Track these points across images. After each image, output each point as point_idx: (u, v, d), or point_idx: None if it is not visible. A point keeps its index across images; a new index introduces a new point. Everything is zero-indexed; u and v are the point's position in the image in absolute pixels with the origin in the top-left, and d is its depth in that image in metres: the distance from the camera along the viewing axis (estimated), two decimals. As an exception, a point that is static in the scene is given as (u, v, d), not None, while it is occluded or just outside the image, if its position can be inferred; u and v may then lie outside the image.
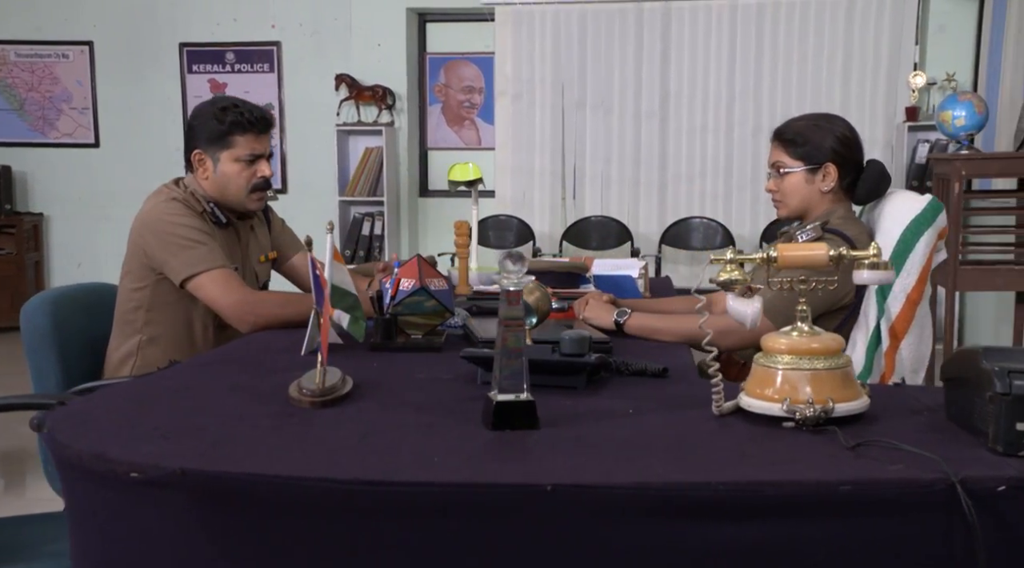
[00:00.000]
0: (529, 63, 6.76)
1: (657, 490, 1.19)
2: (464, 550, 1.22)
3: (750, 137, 6.48)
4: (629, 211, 6.63)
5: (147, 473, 1.26)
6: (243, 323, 2.33)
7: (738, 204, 6.52)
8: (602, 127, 6.68)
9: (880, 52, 6.32)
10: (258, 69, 7.29)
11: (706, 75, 6.52)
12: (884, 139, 6.35)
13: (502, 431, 1.42)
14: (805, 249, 1.47)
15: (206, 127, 2.49)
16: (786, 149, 2.31)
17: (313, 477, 1.24)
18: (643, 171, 6.63)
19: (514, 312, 1.44)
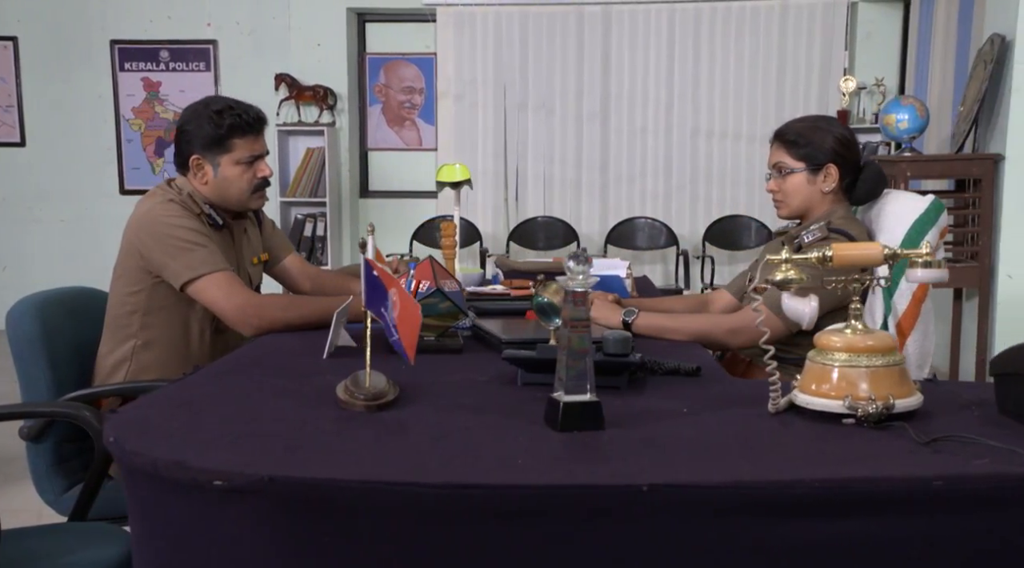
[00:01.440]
0: (471, 64, 6.74)
1: (753, 488, 1.19)
2: (558, 552, 1.21)
3: (688, 138, 6.58)
4: (572, 212, 6.66)
5: (232, 481, 1.21)
6: (247, 326, 2.27)
7: (678, 204, 6.60)
8: (544, 128, 6.70)
9: (812, 57, 6.47)
10: (194, 68, 7.12)
11: (646, 77, 6.59)
12: (817, 141, 6.48)
13: (570, 432, 1.41)
14: (861, 248, 1.49)
15: (202, 132, 2.40)
16: (788, 150, 2.34)
17: (403, 481, 1.21)
18: (585, 172, 6.67)
19: (579, 313, 1.43)
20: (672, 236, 6.39)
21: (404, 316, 1.51)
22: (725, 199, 6.57)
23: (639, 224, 6.52)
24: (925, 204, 2.20)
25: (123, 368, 2.37)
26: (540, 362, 1.71)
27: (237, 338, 2.52)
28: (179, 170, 2.48)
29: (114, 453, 1.33)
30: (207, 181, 2.43)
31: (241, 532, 1.24)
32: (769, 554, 1.19)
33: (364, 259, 1.57)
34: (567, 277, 1.43)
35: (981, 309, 4.35)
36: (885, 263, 1.47)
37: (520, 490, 1.20)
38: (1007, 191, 4.31)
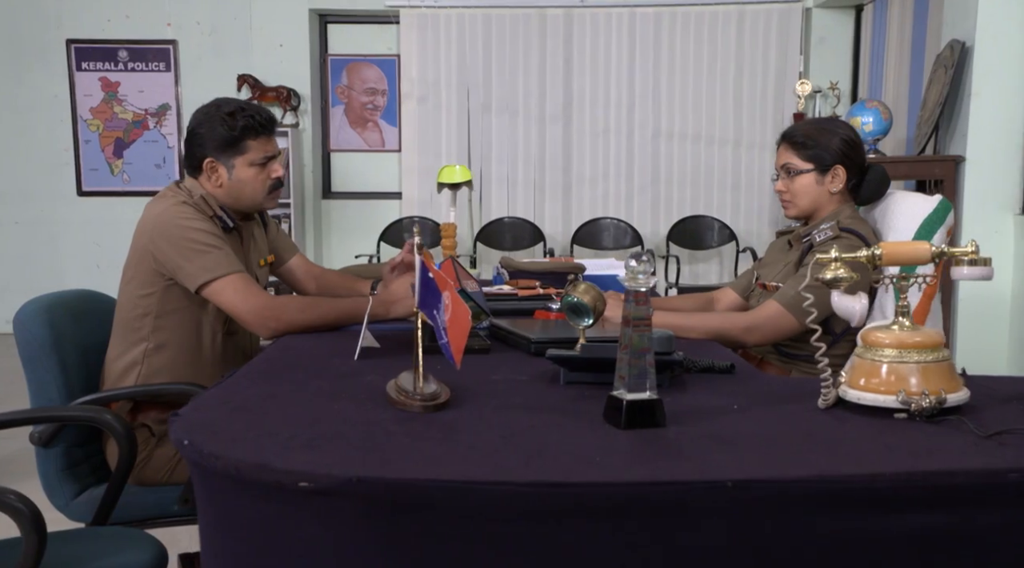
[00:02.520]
0: (435, 66, 6.71)
1: (835, 482, 1.20)
2: (644, 548, 1.21)
3: (650, 140, 6.63)
4: (536, 212, 6.67)
5: (319, 482, 1.19)
6: (264, 329, 2.23)
7: (640, 205, 6.65)
8: (507, 130, 6.70)
9: (769, 61, 6.57)
10: (153, 68, 6.98)
11: (607, 80, 6.63)
12: (772, 142, 6.58)
13: (634, 430, 1.41)
14: (910, 247, 1.51)
15: (215, 134, 2.35)
16: (796, 151, 2.37)
17: (493, 481, 1.20)
18: (548, 173, 6.69)
19: (641, 312, 1.44)
20: (637, 236, 6.44)
21: (454, 319, 1.50)
22: (686, 200, 6.63)
23: (604, 224, 6.55)
24: (933, 204, 2.25)
25: (134, 371, 2.31)
26: (584, 361, 1.71)
27: (247, 340, 2.49)
28: (190, 173, 2.43)
29: (189, 457, 1.30)
30: (221, 184, 2.38)
31: (325, 533, 1.22)
32: (848, 548, 1.21)
33: (419, 260, 1.55)
34: (628, 277, 1.44)
35: (944, 307, 4.46)
36: (932, 261, 1.50)
37: (608, 488, 1.20)
38: (967, 191, 4.42)
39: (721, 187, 6.62)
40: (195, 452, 1.29)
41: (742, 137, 6.61)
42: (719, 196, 6.62)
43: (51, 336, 2.24)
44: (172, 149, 7.00)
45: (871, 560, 1.21)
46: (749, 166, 6.62)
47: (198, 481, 1.33)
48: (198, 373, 2.36)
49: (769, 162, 6.60)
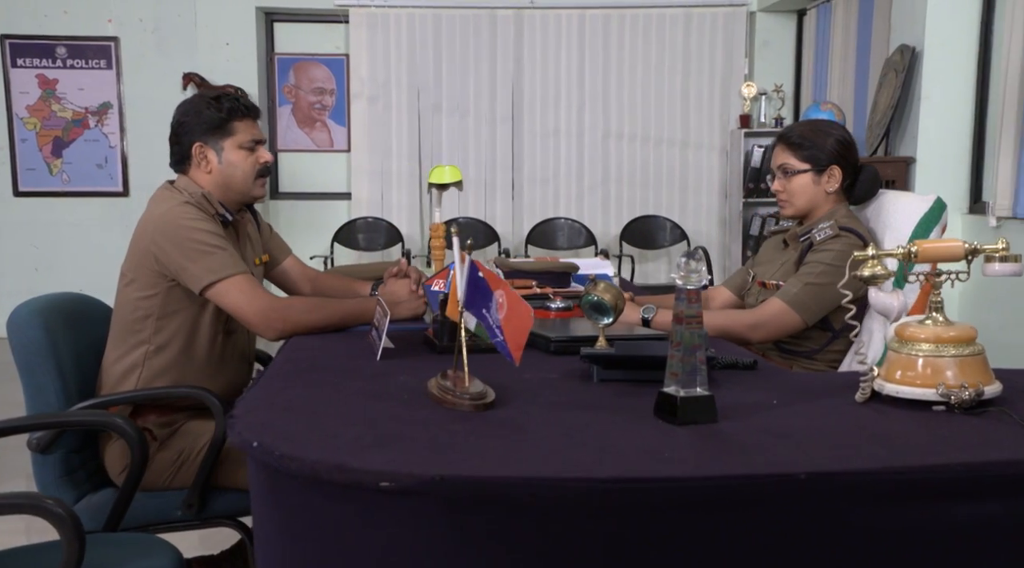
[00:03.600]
0: (384, 65, 6.67)
1: (902, 473, 1.24)
2: (724, 541, 1.23)
3: (599, 141, 6.69)
4: (487, 212, 6.68)
5: (401, 482, 1.18)
6: (269, 330, 2.20)
7: (590, 205, 6.70)
8: (458, 130, 6.69)
9: (715, 64, 6.67)
10: (94, 65, 6.80)
11: (557, 81, 6.66)
12: (720, 144, 6.70)
13: (689, 426, 1.43)
14: (944, 244, 1.56)
15: (203, 118, 2.33)
16: (793, 152, 2.42)
17: (572, 477, 1.21)
18: (499, 173, 6.70)
19: (693, 310, 1.46)
20: (590, 236, 6.49)
21: (512, 317, 1.50)
22: (635, 200, 6.71)
23: (559, 224, 6.59)
24: (929, 203, 2.32)
25: (134, 374, 2.26)
26: (618, 359, 1.73)
27: (245, 341, 2.45)
28: (178, 169, 2.38)
29: (259, 459, 1.28)
30: (211, 169, 2.35)
31: (404, 533, 1.22)
32: (912, 536, 1.24)
33: (470, 259, 1.55)
34: (681, 276, 1.45)
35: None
36: (965, 258, 1.55)
37: (685, 482, 1.22)
38: (918, 191, 4.56)
39: (670, 187, 6.71)
40: (267, 454, 1.27)
41: (689, 138, 6.70)
42: (668, 196, 6.71)
43: (47, 340, 2.18)
44: (115, 149, 6.83)
45: (935, 548, 1.25)
46: (697, 166, 6.72)
47: (264, 483, 1.31)
48: (198, 375, 2.31)
49: (717, 162, 6.71)
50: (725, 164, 6.70)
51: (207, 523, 2.27)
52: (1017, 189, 4.16)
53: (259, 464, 1.30)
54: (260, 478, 1.32)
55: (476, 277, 1.54)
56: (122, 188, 6.83)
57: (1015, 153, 4.18)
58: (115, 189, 6.85)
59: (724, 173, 6.71)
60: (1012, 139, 4.18)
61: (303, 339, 2.16)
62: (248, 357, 2.50)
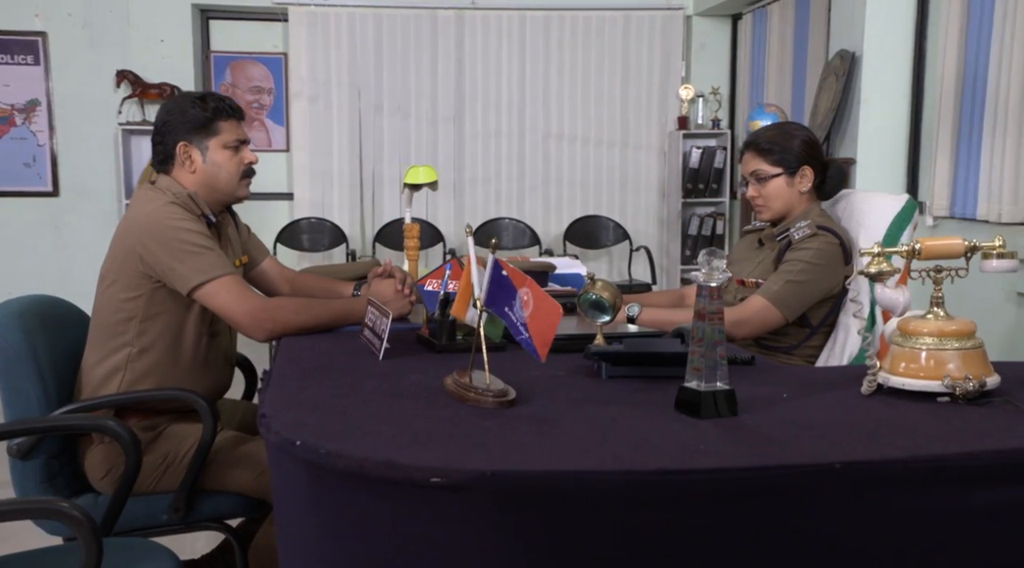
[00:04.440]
0: (325, 65, 6.61)
1: (931, 461, 1.30)
2: (765, 530, 1.27)
3: (540, 141, 6.73)
4: (429, 213, 6.66)
5: (451, 477, 1.20)
6: (259, 331, 2.18)
7: (531, 205, 6.73)
8: (399, 130, 6.66)
9: (653, 66, 6.77)
10: (20, 61, 6.58)
11: (499, 82, 6.69)
12: (659, 145, 6.81)
13: (713, 419, 1.47)
14: (945, 241, 1.63)
15: (187, 118, 2.30)
16: (764, 157, 2.47)
17: (619, 470, 1.24)
18: (440, 173, 6.67)
19: (715, 307, 1.49)
20: (535, 236, 6.52)
21: (538, 314, 1.52)
22: (576, 200, 6.76)
23: (503, 224, 6.61)
24: (901, 202, 2.41)
25: (116, 377, 2.21)
26: (628, 356, 1.76)
27: (228, 343, 2.42)
28: (160, 168, 2.34)
29: (300, 456, 1.28)
30: (195, 169, 2.31)
31: (452, 528, 1.23)
32: (941, 521, 1.30)
33: (495, 259, 1.56)
34: (704, 273, 1.49)
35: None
36: (964, 255, 1.61)
37: (730, 473, 1.25)
38: (858, 192, 4.70)
39: (610, 187, 6.78)
40: (311, 452, 1.27)
41: (629, 139, 6.78)
42: (608, 196, 6.78)
43: (27, 343, 2.13)
44: (43, 147, 6.62)
45: (958, 532, 1.31)
46: (636, 167, 6.81)
47: (304, 482, 1.31)
48: (182, 377, 2.28)
49: (656, 163, 6.81)
50: (663, 165, 6.81)
51: (194, 527, 2.25)
52: (954, 190, 4.32)
53: (300, 463, 1.30)
54: (299, 477, 1.32)
55: (500, 275, 1.55)
56: (51, 188, 6.63)
57: (951, 155, 4.34)
58: (44, 189, 6.64)
59: (663, 174, 6.82)
60: (948, 141, 4.34)
61: (295, 340, 2.14)
62: (231, 359, 2.47)
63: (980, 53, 4.17)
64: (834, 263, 2.35)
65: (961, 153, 4.30)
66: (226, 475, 2.22)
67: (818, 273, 2.33)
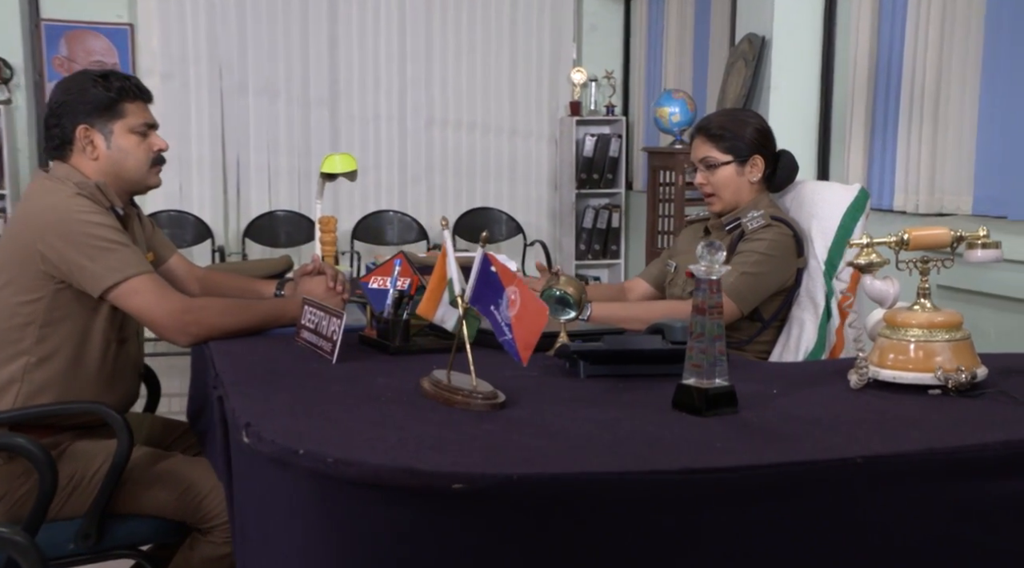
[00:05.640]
0: (180, 39, 6.43)
1: (945, 454, 1.40)
2: (788, 526, 1.35)
3: (423, 127, 6.74)
4: (302, 204, 6.58)
5: (475, 483, 1.23)
6: (183, 334, 2.14)
7: (414, 196, 6.72)
8: (267, 113, 6.55)
9: (543, 48, 6.87)
10: None
11: (376, 62, 6.65)
12: (550, 133, 6.91)
13: (713, 417, 1.54)
14: (933, 231, 1.74)
15: (88, 98, 2.24)
16: (714, 144, 2.57)
17: (646, 471, 1.30)
18: (313, 161, 6.60)
19: (715, 301, 1.56)
20: (422, 230, 6.52)
21: (524, 315, 1.55)
22: (463, 191, 6.80)
23: (387, 218, 6.58)
24: (854, 192, 2.54)
25: (12, 390, 2.14)
26: (607, 354, 1.82)
27: (136, 350, 2.37)
28: (56, 155, 2.27)
29: (302, 467, 1.28)
30: (98, 156, 2.25)
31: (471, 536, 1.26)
32: (963, 512, 1.41)
33: (484, 253, 1.59)
34: (703, 266, 1.56)
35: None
36: (950, 245, 1.74)
37: (753, 471, 1.33)
38: (769, 183, 4.90)
39: (498, 178, 6.84)
40: (317, 461, 1.27)
41: (518, 125, 6.86)
42: (497, 187, 6.84)
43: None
44: None
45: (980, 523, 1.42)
46: (526, 156, 6.89)
47: (307, 494, 1.31)
48: (87, 389, 2.22)
49: (547, 152, 6.91)
50: (555, 154, 6.92)
51: (105, 555, 2.19)
52: (868, 181, 4.55)
53: (301, 473, 1.30)
54: (298, 489, 1.32)
55: (488, 271, 1.58)
56: None
57: (865, 144, 4.58)
58: None
59: (554, 163, 6.92)
60: (862, 130, 4.58)
61: (227, 345, 2.11)
62: (139, 368, 2.42)
63: (894, 37, 4.40)
64: (788, 255, 2.47)
65: (876, 142, 4.54)
66: (143, 496, 2.17)
67: (773, 265, 2.45)
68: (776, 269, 2.46)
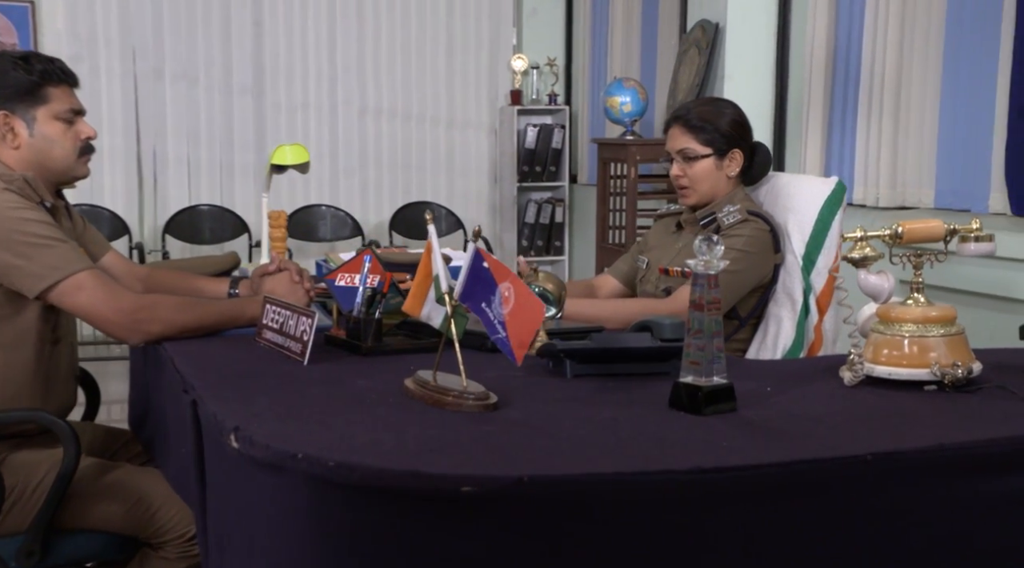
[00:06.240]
0: (88, 18, 6.31)
1: (954, 450, 1.47)
2: (798, 524, 1.40)
3: (356, 117, 6.71)
4: (224, 198, 6.52)
5: (483, 485, 1.26)
6: (135, 333, 2.14)
7: (347, 191, 6.68)
8: (185, 101, 6.47)
9: (481, 33, 6.90)
10: None
11: (305, 47, 6.61)
12: (490, 123, 6.94)
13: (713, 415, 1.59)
14: (927, 224, 1.81)
15: (8, 82, 2.22)
16: (694, 135, 2.61)
17: (656, 470, 1.34)
18: (237, 153, 6.56)
19: (712, 296, 1.61)
20: (357, 226, 6.49)
21: (519, 313, 1.58)
22: (398, 185, 6.79)
23: (319, 212, 6.54)
24: (831, 185, 2.61)
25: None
26: (592, 353, 1.86)
27: (70, 353, 2.36)
28: None
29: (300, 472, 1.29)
30: (19, 144, 2.24)
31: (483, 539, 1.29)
32: (971, 509, 1.48)
33: (476, 248, 1.61)
34: (702, 261, 1.60)
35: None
36: (943, 238, 1.81)
37: (764, 469, 1.38)
38: (724, 176, 5.00)
39: (436, 170, 6.85)
40: (317, 465, 1.29)
41: (456, 116, 6.88)
42: (434, 180, 6.84)
43: None
44: None
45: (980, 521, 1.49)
46: (465, 147, 6.91)
47: (304, 502, 1.33)
48: (21, 395, 2.20)
49: (485, 142, 6.94)
50: (495, 145, 6.95)
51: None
52: (826, 172, 4.66)
53: (300, 479, 1.31)
54: (295, 496, 1.33)
55: (480, 267, 1.61)
56: None
57: (823, 136, 4.69)
58: None
59: (495, 155, 6.96)
60: (820, 122, 4.68)
61: (182, 346, 2.10)
62: (75, 372, 2.40)
63: (853, 24, 4.51)
64: (766, 251, 2.53)
65: (834, 134, 4.66)
66: (90, 510, 2.16)
67: (751, 262, 2.51)
68: (753, 266, 2.52)
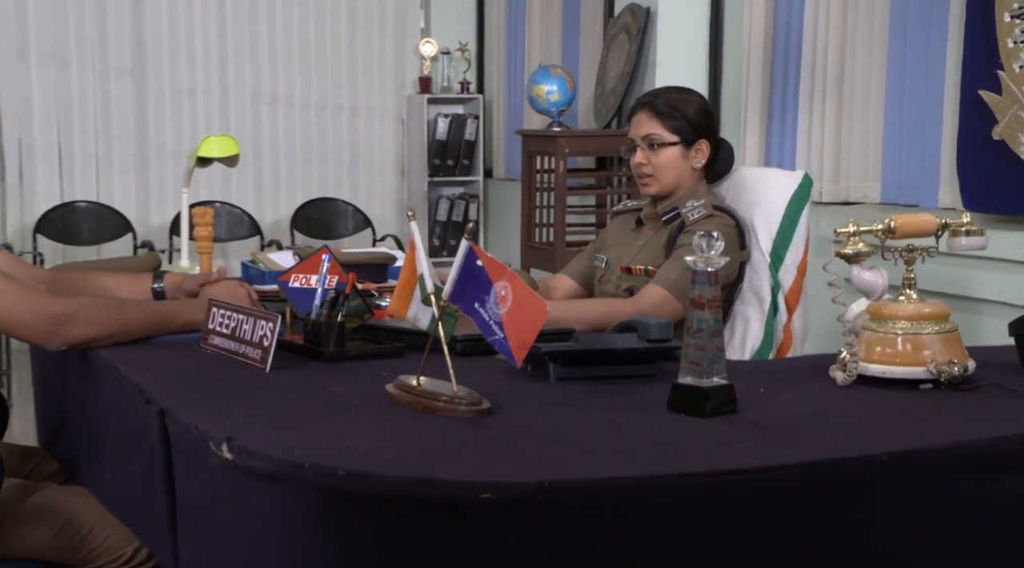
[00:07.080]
0: (-61, -6, 6.18)
1: (967, 449, 1.58)
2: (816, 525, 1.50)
3: (248, 105, 6.69)
4: (103, 194, 6.42)
5: (503, 492, 1.32)
6: (57, 337, 2.13)
7: (240, 186, 6.63)
8: (55, 84, 6.37)
9: (385, 15, 6.93)
10: None
11: (191, 29, 6.57)
12: (396, 112, 6.97)
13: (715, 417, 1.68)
14: (919, 219, 1.93)
15: None
16: (661, 122, 2.69)
17: (677, 473, 1.42)
18: (116, 144, 6.48)
19: (712, 294, 1.70)
20: (255, 224, 6.44)
21: (517, 312, 1.64)
22: (297, 179, 6.77)
23: (215, 209, 6.46)
24: (798, 179, 2.72)
25: None
26: (577, 355, 1.93)
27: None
28: None
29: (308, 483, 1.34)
30: None
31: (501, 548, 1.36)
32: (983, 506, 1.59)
33: (470, 246, 1.66)
34: (700, 258, 1.68)
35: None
36: (935, 233, 1.93)
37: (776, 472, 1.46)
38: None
39: (340, 163, 6.85)
40: (327, 475, 1.33)
41: (359, 104, 6.88)
42: (337, 174, 6.83)
43: None
44: None
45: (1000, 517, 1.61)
46: (369, 139, 6.92)
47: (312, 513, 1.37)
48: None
49: (391, 133, 6.96)
50: (403, 136, 6.98)
51: (-29, 609, 2.16)
52: (765, 165, 4.81)
53: (307, 490, 1.35)
54: (304, 508, 1.37)
55: (473, 265, 1.66)
56: None
57: (762, 127, 4.85)
58: None
59: (402, 147, 6.98)
60: (759, 112, 4.83)
61: (124, 353, 2.11)
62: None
63: (793, 8, 4.66)
64: (732, 247, 2.62)
65: (773, 125, 4.82)
66: (13, 536, 2.15)
67: (718, 258, 2.60)
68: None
